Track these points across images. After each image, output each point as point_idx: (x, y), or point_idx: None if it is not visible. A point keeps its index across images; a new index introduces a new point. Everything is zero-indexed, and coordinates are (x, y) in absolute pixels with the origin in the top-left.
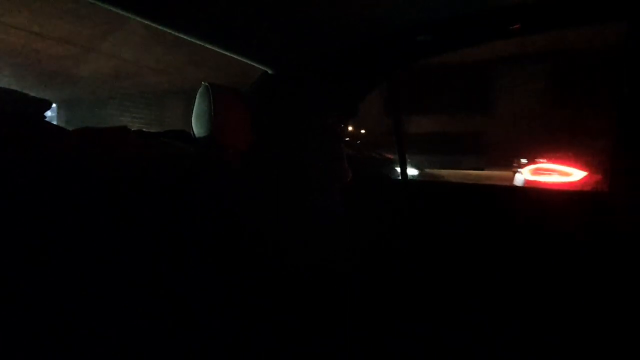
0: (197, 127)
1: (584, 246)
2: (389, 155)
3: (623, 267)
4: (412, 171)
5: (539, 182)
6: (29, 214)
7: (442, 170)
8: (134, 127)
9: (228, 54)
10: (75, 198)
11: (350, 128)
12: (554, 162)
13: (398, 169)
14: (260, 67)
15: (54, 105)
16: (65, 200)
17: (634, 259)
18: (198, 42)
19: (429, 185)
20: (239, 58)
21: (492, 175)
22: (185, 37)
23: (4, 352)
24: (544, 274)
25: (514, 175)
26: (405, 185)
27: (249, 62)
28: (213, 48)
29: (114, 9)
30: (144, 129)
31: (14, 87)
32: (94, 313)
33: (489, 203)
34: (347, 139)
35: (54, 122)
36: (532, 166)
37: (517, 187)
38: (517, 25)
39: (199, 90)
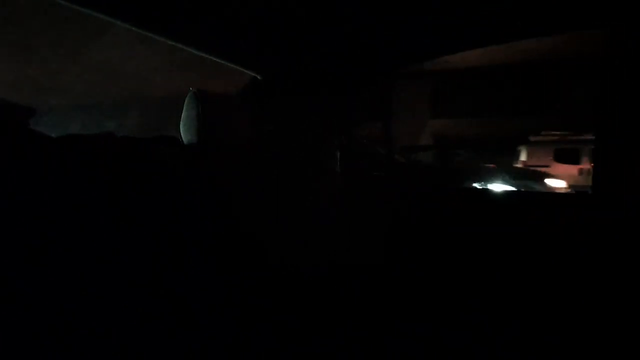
0: (185, 133)
1: (582, 246)
2: None
3: (622, 267)
4: None
5: None
6: (20, 220)
7: None
8: (121, 133)
9: (217, 59)
10: (63, 204)
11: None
12: None
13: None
14: (249, 72)
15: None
16: (54, 205)
17: (632, 258)
18: (187, 48)
19: (423, 189)
20: (228, 64)
21: None
22: (174, 43)
23: (4, 352)
24: (543, 274)
25: None
26: (400, 186)
27: (238, 67)
28: (202, 54)
29: (99, 15)
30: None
31: None
32: (93, 313)
33: (487, 204)
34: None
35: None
36: None
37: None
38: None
39: (187, 96)
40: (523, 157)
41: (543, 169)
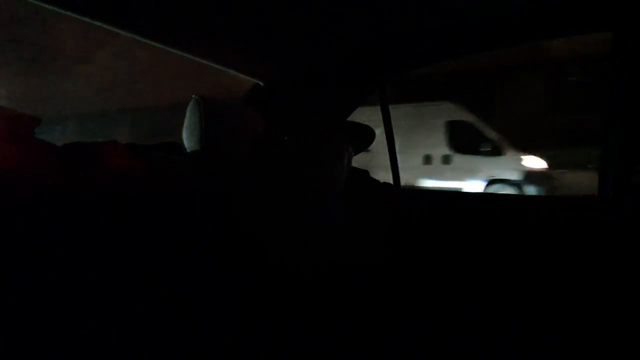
0: (188, 140)
1: (582, 247)
2: None
3: (621, 268)
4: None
5: None
6: (25, 225)
7: None
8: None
9: (219, 67)
10: (68, 209)
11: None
12: None
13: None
14: (251, 79)
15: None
16: (58, 210)
17: (631, 259)
18: (190, 56)
19: (424, 190)
20: (231, 71)
21: None
22: (177, 52)
23: (4, 352)
24: (543, 275)
25: None
26: (399, 189)
27: (240, 74)
28: (205, 62)
29: (103, 25)
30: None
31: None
32: (93, 314)
33: (485, 207)
34: None
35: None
36: None
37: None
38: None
39: (190, 103)
40: None
41: None
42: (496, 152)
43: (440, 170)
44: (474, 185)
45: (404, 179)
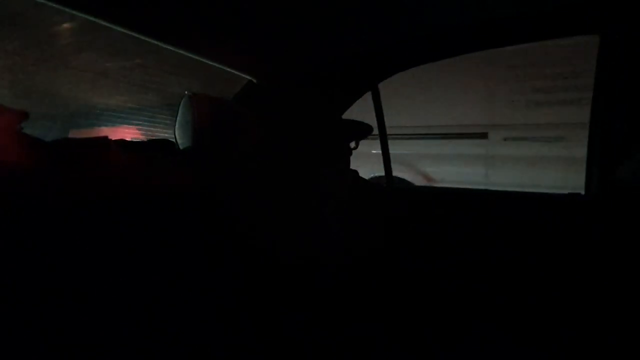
0: (180, 137)
1: (568, 245)
2: None
3: (605, 265)
4: None
5: None
6: (15, 223)
7: None
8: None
9: (212, 63)
10: (57, 207)
11: None
12: None
13: None
14: (245, 76)
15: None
16: (48, 209)
17: (614, 256)
18: (183, 52)
19: (415, 189)
20: (224, 67)
21: None
22: (170, 48)
23: (4, 352)
24: (530, 271)
25: None
26: (391, 190)
27: (233, 71)
28: (198, 58)
29: (95, 20)
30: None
31: None
32: (89, 314)
33: (473, 204)
34: None
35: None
36: None
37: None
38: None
39: (182, 100)
40: None
41: None
42: None
43: None
44: None
45: None
